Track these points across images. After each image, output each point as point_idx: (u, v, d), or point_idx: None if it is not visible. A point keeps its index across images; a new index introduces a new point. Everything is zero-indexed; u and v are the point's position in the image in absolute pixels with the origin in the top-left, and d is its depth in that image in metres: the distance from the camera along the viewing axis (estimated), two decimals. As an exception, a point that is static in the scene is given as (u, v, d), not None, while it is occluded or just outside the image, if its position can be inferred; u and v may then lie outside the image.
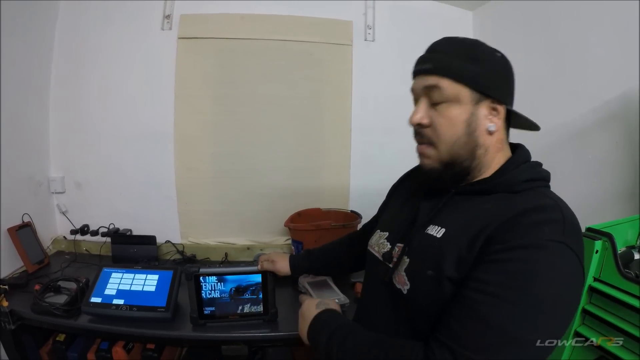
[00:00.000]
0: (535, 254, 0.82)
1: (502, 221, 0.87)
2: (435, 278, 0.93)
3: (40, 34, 2.44)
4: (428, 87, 1.00)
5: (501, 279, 0.82)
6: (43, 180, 2.56)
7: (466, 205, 1.02)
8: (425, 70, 1.01)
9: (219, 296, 1.71)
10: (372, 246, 1.26)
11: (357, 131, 2.72)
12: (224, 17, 2.56)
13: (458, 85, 0.97)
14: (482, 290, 0.83)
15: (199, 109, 2.61)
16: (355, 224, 2.33)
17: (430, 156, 1.04)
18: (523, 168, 1.01)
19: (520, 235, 0.84)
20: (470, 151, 1.01)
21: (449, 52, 1.00)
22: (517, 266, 0.82)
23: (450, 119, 0.99)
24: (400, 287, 1.02)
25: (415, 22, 2.70)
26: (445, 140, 1.00)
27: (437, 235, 0.98)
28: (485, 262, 0.85)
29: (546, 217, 0.87)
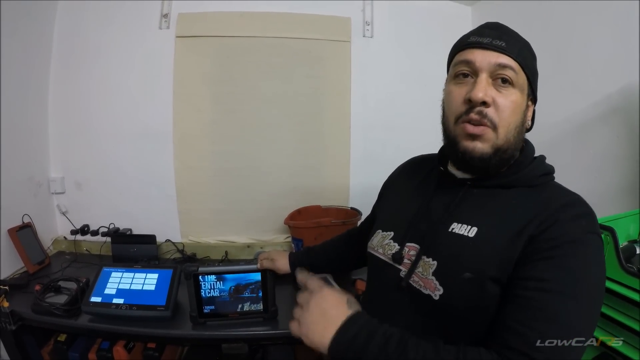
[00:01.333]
0: (583, 247, 0.85)
1: (542, 219, 0.87)
2: (475, 280, 0.89)
3: (39, 34, 2.44)
4: (501, 65, 0.94)
5: (560, 275, 0.82)
6: (43, 180, 2.56)
7: (488, 201, 1.00)
8: (499, 48, 0.95)
9: (218, 295, 1.71)
10: (375, 248, 1.18)
11: (356, 128, 2.71)
12: (222, 15, 2.55)
13: (523, 74, 0.96)
14: (543, 288, 0.82)
15: (198, 107, 2.60)
16: (355, 221, 2.32)
17: (488, 139, 0.96)
18: (536, 163, 1.02)
19: (565, 231, 0.85)
20: (520, 141, 1.00)
21: (517, 37, 0.99)
22: (570, 261, 0.83)
23: (515, 104, 0.95)
24: (429, 293, 0.95)
25: (414, 18, 2.69)
26: (507, 124, 0.95)
27: (470, 235, 0.94)
28: (537, 260, 0.84)
29: (581, 211, 0.90)
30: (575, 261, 0.83)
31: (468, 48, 0.99)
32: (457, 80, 1.01)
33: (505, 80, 0.94)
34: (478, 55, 0.97)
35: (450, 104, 1.02)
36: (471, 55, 0.98)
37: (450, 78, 1.05)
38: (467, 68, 0.98)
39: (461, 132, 0.99)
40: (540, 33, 2.15)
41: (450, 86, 1.03)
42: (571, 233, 0.85)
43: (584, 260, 0.84)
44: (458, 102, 0.99)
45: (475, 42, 0.98)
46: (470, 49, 0.99)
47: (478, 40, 0.98)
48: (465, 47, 1.00)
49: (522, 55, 0.95)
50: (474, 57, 0.97)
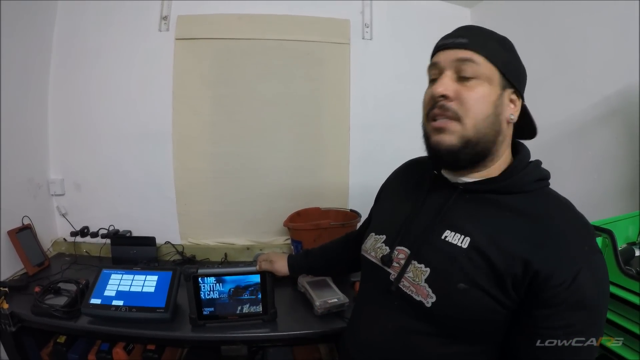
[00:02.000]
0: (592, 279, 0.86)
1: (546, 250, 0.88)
2: (469, 292, 0.91)
3: (38, 36, 2.44)
4: (461, 60, 0.96)
5: (580, 317, 0.86)
6: (42, 182, 2.56)
7: (480, 208, 1.00)
8: (460, 44, 0.98)
9: (217, 297, 1.71)
10: (368, 251, 1.20)
11: (355, 130, 2.71)
12: (221, 18, 2.55)
13: (491, 65, 0.96)
14: (570, 333, 0.86)
15: (198, 109, 2.60)
16: (354, 223, 2.32)
17: (452, 131, 0.97)
18: (530, 168, 1.01)
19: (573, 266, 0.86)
20: (495, 133, 0.98)
21: (484, 33, 1.00)
22: (586, 301, 0.86)
23: (481, 95, 0.95)
24: (421, 300, 0.97)
25: (413, 19, 2.69)
26: (474, 115, 0.95)
27: (462, 246, 0.95)
28: (560, 311, 0.86)
29: (582, 233, 0.92)
30: (592, 297, 0.86)
31: (436, 52, 1.04)
32: (431, 84, 1.05)
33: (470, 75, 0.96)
34: (441, 56, 1.01)
35: (423, 104, 1.06)
36: (437, 57, 1.03)
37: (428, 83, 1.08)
38: (436, 71, 1.03)
39: (430, 128, 1.02)
40: (540, 34, 2.16)
41: (426, 89, 1.07)
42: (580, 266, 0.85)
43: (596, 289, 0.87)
44: (426, 100, 1.04)
45: (440, 44, 1.03)
46: (438, 52, 1.03)
47: (443, 42, 1.02)
48: (435, 51, 1.05)
49: (487, 48, 0.96)
50: (438, 58, 1.02)
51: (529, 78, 1.04)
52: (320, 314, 1.80)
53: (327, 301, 1.80)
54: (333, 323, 1.77)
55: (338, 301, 1.81)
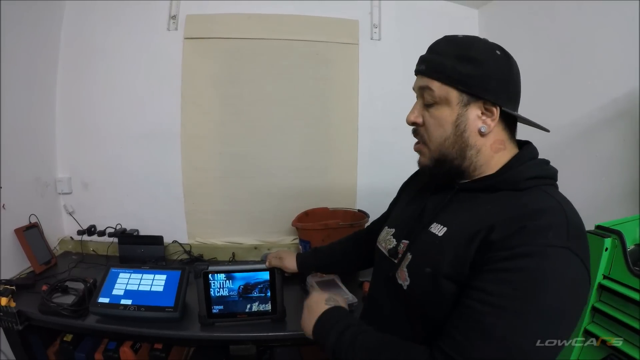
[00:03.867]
0: (540, 262, 0.80)
1: (503, 223, 0.86)
2: (432, 275, 0.95)
3: (46, 35, 2.45)
4: (422, 88, 1.04)
5: (506, 290, 0.80)
6: (50, 181, 2.57)
7: (470, 203, 1.02)
8: (420, 71, 1.05)
9: (227, 294, 1.72)
10: (380, 242, 1.27)
11: (364, 130, 2.71)
12: (230, 17, 2.56)
13: (447, 87, 0.99)
14: (485, 301, 0.81)
15: (206, 109, 2.61)
16: (362, 223, 2.32)
17: (423, 154, 1.09)
18: (529, 165, 0.99)
19: (524, 242, 0.82)
20: (459, 151, 1.02)
21: (444, 53, 1.01)
22: (521, 276, 0.80)
23: (438, 120, 1.02)
24: (401, 283, 1.05)
25: (421, 20, 2.69)
26: (434, 140, 1.04)
27: (439, 234, 1.00)
28: (488, 271, 0.84)
29: (550, 221, 0.85)
30: (527, 276, 0.80)
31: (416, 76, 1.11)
32: None
33: (430, 102, 1.03)
34: (415, 82, 1.09)
35: None
36: (414, 83, 1.10)
37: None
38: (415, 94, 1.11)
39: None
40: (547, 36, 2.16)
41: None
42: (531, 245, 0.81)
43: (539, 276, 0.80)
44: None
45: (414, 70, 1.09)
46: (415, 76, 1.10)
47: (415, 68, 1.09)
48: None
49: (441, 71, 0.99)
50: (414, 84, 1.10)
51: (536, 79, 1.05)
52: (329, 314, 1.79)
53: (336, 301, 1.81)
54: (342, 323, 1.77)
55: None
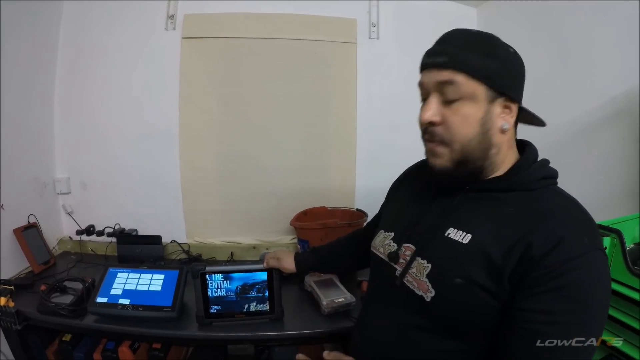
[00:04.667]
0: (588, 271, 0.83)
1: (539, 237, 0.85)
2: (465, 286, 0.91)
3: (44, 35, 2.44)
4: (442, 83, 0.95)
5: (567, 306, 0.82)
6: (48, 181, 2.56)
7: (484, 206, 1.00)
8: (439, 64, 0.95)
9: (225, 294, 1.71)
10: (377, 247, 1.22)
11: (362, 129, 2.71)
12: (228, 17, 2.55)
13: (474, 81, 0.93)
14: (550, 321, 0.82)
15: (204, 108, 2.61)
16: (361, 223, 2.32)
17: (442, 155, 1.00)
18: (536, 167, 1.00)
19: (569, 256, 0.83)
20: (484, 151, 0.98)
21: (465, 45, 0.95)
22: (577, 289, 0.82)
23: (465, 118, 0.94)
24: (422, 294, 0.98)
25: (420, 19, 2.69)
26: (459, 140, 0.96)
27: (463, 242, 0.95)
28: (542, 292, 0.83)
29: (581, 227, 0.88)
30: (578, 289, 0.82)
31: (422, 70, 1.02)
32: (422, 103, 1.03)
33: (452, 98, 0.95)
34: (425, 77, 1.00)
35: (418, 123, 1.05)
36: (422, 77, 1.01)
37: None
38: (422, 90, 1.02)
39: (425, 149, 1.07)
40: (545, 34, 2.16)
41: None
42: (575, 257, 0.83)
43: (588, 285, 0.83)
44: (419, 121, 1.03)
45: (423, 64, 1.01)
46: (423, 71, 1.02)
47: (425, 61, 1.00)
48: (421, 69, 1.03)
49: (468, 64, 0.93)
50: (423, 79, 1.01)
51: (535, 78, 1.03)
52: (327, 313, 1.79)
53: (334, 300, 1.80)
54: (340, 322, 1.77)
55: (345, 300, 1.81)
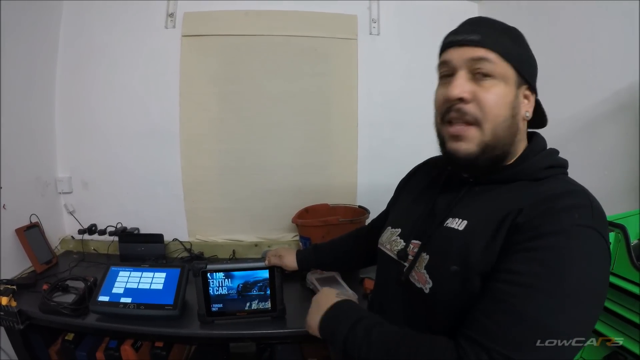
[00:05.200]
0: (568, 240, 0.79)
1: (529, 206, 0.84)
2: (460, 273, 0.89)
3: (45, 34, 2.44)
4: (475, 59, 0.92)
5: (534, 269, 0.78)
6: (50, 180, 2.57)
7: (487, 195, 0.98)
8: (472, 42, 0.93)
9: (226, 293, 1.70)
10: (384, 244, 1.20)
11: (364, 126, 2.70)
12: (228, 14, 2.55)
13: (506, 63, 0.92)
14: (513, 281, 0.79)
15: (205, 106, 2.60)
16: (363, 220, 2.31)
17: (470, 138, 0.94)
18: (543, 155, 0.99)
19: (550, 221, 0.80)
20: (512, 136, 0.96)
21: (496, 28, 0.96)
22: (549, 254, 0.78)
23: (498, 97, 0.92)
24: (421, 287, 0.97)
25: (420, 15, 2.67)
26: (492, 119, 0.92)
27: (459, 228, 0.94)
28: (515, 252, 0.81)
29: (575, 202, 0.84)
30: (555, 254, 0.78)
31: (446, 49, 0.99)
32: (442, 82, 1.01)
33: (485, 74, 0.92)
34: (454, 54, 0.96)
35: (435, 105, 1.02)
36: (448, 55, 0.97)
37: (438, 80, 1.04)
38: (447, 68, 0.98)
39: (447, 133, 0.99)
40: (548, 29, 2.14)
41: (437, 88, 1.03)
42: (558, 224, 0.80)
43: (567, 254, 0.78)
44: (440, 101, 1.00)
45: (450, 41, 0.98)
46: (448, 49, 0.98)
47: (454, 38, 0.97)
48: (444, 48, 1.00)
49: (501, 45, 0.92)
50: (450, 56, 0.97)
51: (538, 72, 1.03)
52: (330, 310, 1.78)
53: (336, 298, 1.79)
54: (342, 320, 1.76)
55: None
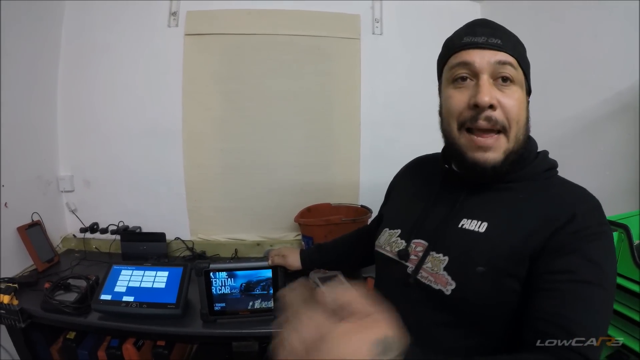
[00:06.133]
0: (600, 239, 0.87)
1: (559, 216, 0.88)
2: (488, 274, 0.90)
3: (47, 34, 2.44)
4: (501, 63, 0.92)
5: (585, 265, 0.83)
6: (52, 179, 2.57)
7: (493, 196, 1.00)
8: (495, 45, 0.93)
9: (229, 292, 1.70)
10: (382, 246, 1.19)
11: (366, 125, 2.70)
12: (231, 13, 2.54)
13: (521, 69, 0.94)
14: (573, 279, 0.82)
15: (207, 105, 2.60)
16: (365, 219, 2.32)
17: (498, 148, 0.94)
18: (539, 159, 1.01)
19: (585, 225, 0.86)
20: (526, 139, 0.98)
21: (510, 34, 0.96)
22: (592, 252, 0.84)
23: (519, 102, 0.93)
24: (440, 288, 0.95)
25: (423, 15, 2.67)
26: (515, 125, 0.93)
27: (480, 230, 0.95)
28: (563, 255, 0.85)
29: (592, 204, 0.92)
30: (597, 252, 0.84)
31: (464, 49, 0.96)
32: (457, 84, 0.98)
33: (507, 79, 0.92)
34: (476, 56, 0.93)
35: (452, 110, 0.99)
36: (468, 56, 0.95)
37: (447, 82, 1.02)
38: (466, 70, 0.96)
39: (468, 143, 0.97)
40: (550, 29, 2.14)
41: (449, 91, 1.00)
42: (589, 226, 0.86)
43: (604, 250, 0.86)
44: (460, 107, 0.96)
45: (470, 42, 0.95)
46: (467, 50, 0.96)
47: (473, 40, 0.95)
48: (461, 48, 0.97)
49: (518, 51, 0.95)
50: (471, 57, 0.94)
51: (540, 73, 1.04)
52: (332, 310, 1.78)
53: (339, 297, 1.79)
54: (344, 319, 1.75)
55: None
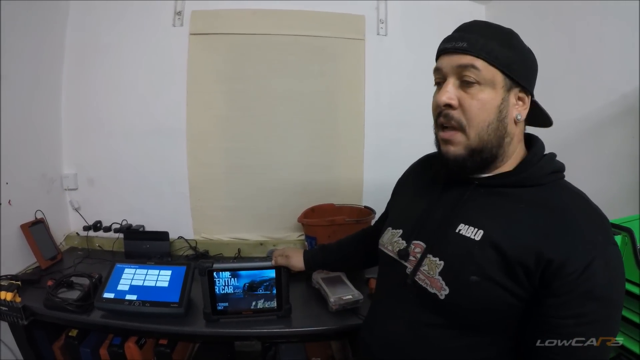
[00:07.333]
0: (606, 268, 0.85)
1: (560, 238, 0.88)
2: (480, 284, 0.92)
3: (51, 33, 2.44)
4: (462, 66, 0.96)
5: (592, 308, 0.85)
6: (56, 177, 2.57)
7: (493, 201, 1.00)
8: (460, 49, 0.97)
9: (232, 292, 1.70)
10: (385, 245, 1.22)
11: (370, 126, 2.69)
12: (236, 13, 2.54)
13: (493, 68, 0.95)
14: (581, 323, 0.85)
15: (212, 104, 2.60)
16: (369, 220, 2.32)
17: (457, 143, 1.00)
18: (544, 161, 1.01)
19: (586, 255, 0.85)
20: (499, 138, 0.99)
21: (484, 33, 0.97)
22: (597, 292, 0.84)
23: (483, 103, 0.96)
24: (435, 292, 0.99)
25: (428, 16, 2.67)
26: (476, 125, 0.97)
27: (475, 238, 0.96)
28: (570, 300, 0.85)
29: (597, 223, 0.91)
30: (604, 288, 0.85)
31: (440, 56, 1.04)
32: (436, 89, 1.05)
33: (471, 81, 0.96)
34: (443, 61, 1.01)
35: (433, 110, 1.07)
36: (440, 62, 1.03)
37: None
38: (438, 75, 1.03)
39: (440, 137, 1.05)
40: (555, 31, 2.14)
41: (434, 93, 1.07)
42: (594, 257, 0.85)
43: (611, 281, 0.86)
44: (433, 106, 1.05)
45: (442, 48, 1.02)
46: (441, 55, 1.03)
47: (445, 46, 1.01)
48: (438, 54, 1.05)
49: (488, 50, 0.95)
50: (441, 63, 1.02)
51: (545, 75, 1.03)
52: (335, 310, 1.78)
53: (342, 297, 1.79)
54: (347, 319, 1.76)
55: (352, 298, 1.79)
